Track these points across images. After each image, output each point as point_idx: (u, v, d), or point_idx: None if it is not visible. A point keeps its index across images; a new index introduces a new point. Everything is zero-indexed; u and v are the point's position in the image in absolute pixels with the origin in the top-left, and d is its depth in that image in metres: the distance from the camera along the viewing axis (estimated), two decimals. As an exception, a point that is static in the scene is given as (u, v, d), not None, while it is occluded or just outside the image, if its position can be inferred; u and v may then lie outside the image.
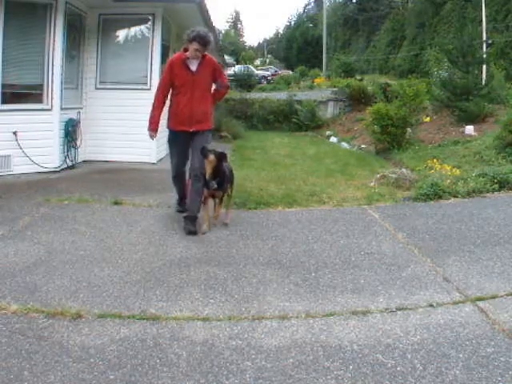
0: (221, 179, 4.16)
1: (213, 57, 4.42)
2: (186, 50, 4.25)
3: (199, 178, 4.19)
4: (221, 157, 4.13)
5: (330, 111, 17.45)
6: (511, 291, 2.94)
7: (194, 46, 4.09)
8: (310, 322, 2.60)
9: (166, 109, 4.46)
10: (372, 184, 6.27)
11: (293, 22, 62.31)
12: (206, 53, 4.26)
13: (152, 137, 4.42)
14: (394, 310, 2.73)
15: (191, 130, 4.27)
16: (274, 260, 3.51)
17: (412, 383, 2.05)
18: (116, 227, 4.21)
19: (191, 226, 4.12)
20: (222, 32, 63.33)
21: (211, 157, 4.06)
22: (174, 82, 4.26)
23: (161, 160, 7.64)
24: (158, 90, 4.38)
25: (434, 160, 7.35)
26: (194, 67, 4.23)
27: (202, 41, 4.10)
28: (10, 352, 2.22)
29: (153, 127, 4.38)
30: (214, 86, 4.55)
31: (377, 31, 39.44)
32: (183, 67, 4.22)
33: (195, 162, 4.24)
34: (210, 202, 4.33)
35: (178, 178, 4.60)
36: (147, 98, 5.28)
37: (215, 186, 4.10)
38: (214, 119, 4.55)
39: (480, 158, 7.64)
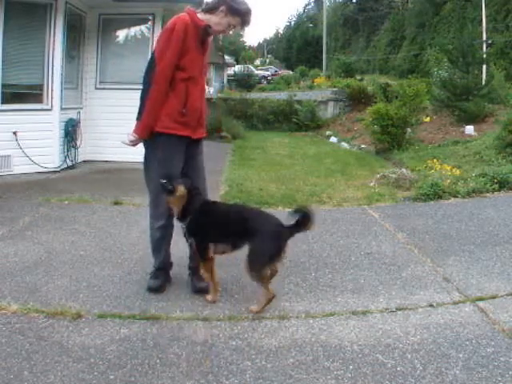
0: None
1: None
2: (192, 14, 2.76)
3: None
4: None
5: (330, 111, 17.46)
6: (511, 291, 2.94)
7: (234, 21, 2.75)
8: (310, 321, 2.60)
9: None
10: (372, 184, 6.28)
11: (293, 22, 62.44)
12: None
13: (134, 144, 2.85)
14: (394, 310, 2.73)
15: (195, 138, 2.91)
16: (274, 260, 3.51)
17: (412, 383, 2.05)
18: (116, 227, 4.21)
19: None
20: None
21: (181, 190, 2.72)
22: (181, 59, 2.71)
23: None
24: (159, 71, 2.68)
25: (434, 160, 7.35)
26: (206, 44, 2.86)
27: (248, 20, 2.79)
28: (10, 352, 2.22)
29: (144, 132, 2.81)
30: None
31: (377, 31, 39.45)
32: (197, 40, 2.76)
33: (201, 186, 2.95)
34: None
35: (170, 229, 2.96)
36: (147, 98, 5.28)
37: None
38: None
39: (480, 158, 7.65)
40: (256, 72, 33.54)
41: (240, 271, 3.27)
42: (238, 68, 31.70)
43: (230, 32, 2.85)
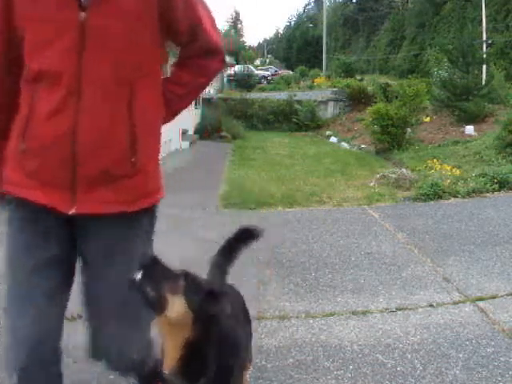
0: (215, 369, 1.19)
1: None
2: None
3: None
4: (215, 306, 1.15)
5: (330, 111, 17.48)
6: (511, 291, 2.94)
7: None
8: (310, 321, 2.60)
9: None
10: (372, 184, 6.28)
11: (293, 22, 62.57)
12: None
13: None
14: (394, 310, 2.73)
15: (70, 213, 1.20)
16: (274, 260, 3.51)
17: (412, 383, 2.05)
18: (116, 227, 4.20)
19: None
20: (221, 32, 63.33)
21: (177, 308, 1.11)
22: (15, 34, 1.18)
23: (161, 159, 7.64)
24: None
25: (434, 160, 7.36)
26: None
27: None
28: (10, 352, 2.22)
29: None
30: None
31: (377, 31, 39.46)
32: None
33: (112, 334, 1.35)
34: None
35: None
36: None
37: None
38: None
39: (480, 158, 7.66)
40: (256, 72, 33.49)
41: (240, 271, 3.27)
42: (238, 68, 31.66)
43: None
